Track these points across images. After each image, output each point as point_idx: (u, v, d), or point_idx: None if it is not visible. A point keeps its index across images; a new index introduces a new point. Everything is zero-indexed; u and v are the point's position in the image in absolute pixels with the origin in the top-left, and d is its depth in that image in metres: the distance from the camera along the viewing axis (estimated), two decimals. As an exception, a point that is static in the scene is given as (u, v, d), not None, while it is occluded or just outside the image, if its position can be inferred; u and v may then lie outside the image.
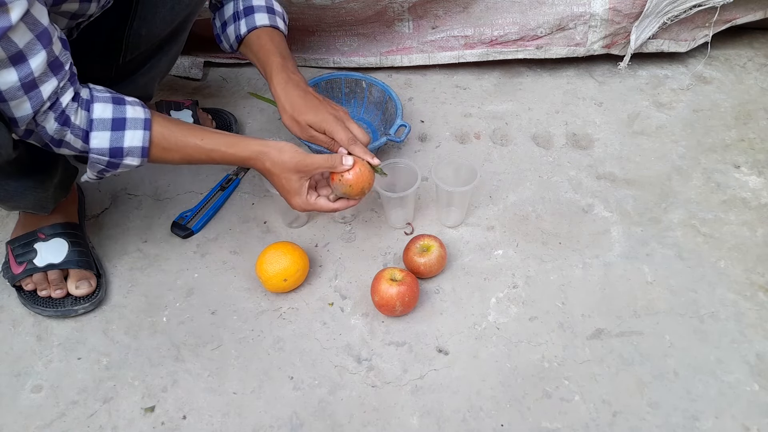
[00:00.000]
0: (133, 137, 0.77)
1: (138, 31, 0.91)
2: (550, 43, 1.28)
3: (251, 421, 0.82)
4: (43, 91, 0.68)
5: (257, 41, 0.96)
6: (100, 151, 0.76)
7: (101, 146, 0.75)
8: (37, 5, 0.64)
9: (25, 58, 0.64)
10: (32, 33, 0.64)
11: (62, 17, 0.76)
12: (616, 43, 1.27)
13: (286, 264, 0.91)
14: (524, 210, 1.07)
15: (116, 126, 0.76)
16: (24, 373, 0.87)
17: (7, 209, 1.03)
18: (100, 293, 0.94)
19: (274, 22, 0.98)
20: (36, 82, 0.67)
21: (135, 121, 0.77)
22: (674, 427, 0.81)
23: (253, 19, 0.97)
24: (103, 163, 0.77)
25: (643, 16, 1.21)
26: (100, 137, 0.75)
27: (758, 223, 1.05)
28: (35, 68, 0.65)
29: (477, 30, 1.28)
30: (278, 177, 0.84)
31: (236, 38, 0.98)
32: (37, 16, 0.64)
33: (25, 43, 0.63)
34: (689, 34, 1.30)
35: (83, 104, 0.74)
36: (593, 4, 1.22)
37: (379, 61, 1.32)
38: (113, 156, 0.77)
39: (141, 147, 0.78)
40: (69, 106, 0.72)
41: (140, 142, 0.77)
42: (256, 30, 0.97)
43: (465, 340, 0.90)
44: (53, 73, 0.68)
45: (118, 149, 0.76)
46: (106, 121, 0.75)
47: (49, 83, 0.68)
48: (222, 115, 1.22)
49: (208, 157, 0.83)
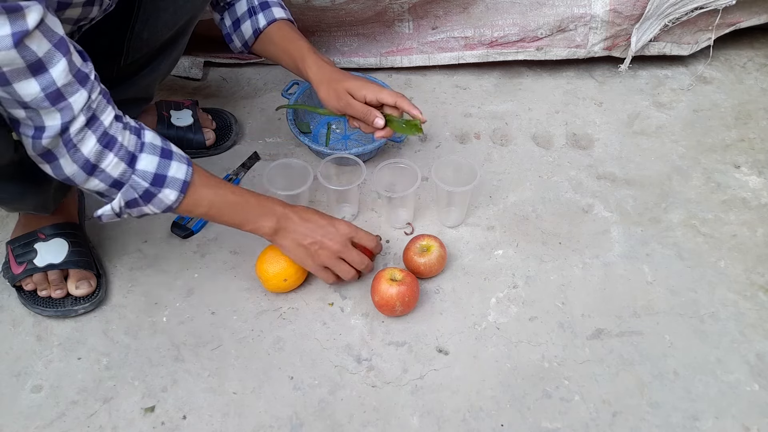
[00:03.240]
0: (178, 169, 0.77)
1: (140, 34, 0.91)
2: (551, 45, 1.28)
3: (251, 421, 0.82)
4: (74, 103, 0.66)
5: (278, 32, 0.97)
6: (143, 175, 0.74)
7: (147, 169, 0.74)
8: (50, 15, 0.63)
9: (45, 67, 0.62)
10: (50, 42, 0.62)
11: (65, 23, 0.76)
12: (617, 45, 1.27)
13: (285, 264, 0.91)
14: (524, 210, 1.07)
15: (165, 155, 0.76)
16: (24, 373, 0.87)
17: (8, 210, 1.03)
18: (100, 293, 0.94)
19: (289, 16, 1.00)
20: (62, 93, 0.65)
21: (181, 156, 0.78)
22: (674, 427, 0.81)
23: (271, 13, 0.97)
24: (140, 190, 0.75)
25: (644, 18, 1.21)
26: (148, 160, 0.74)
27: (758, 223, 1.05)
28: (57, 77, 0.63)
29: (477, 31, 1.28)
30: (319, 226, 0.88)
31: (254, 32, 0.98)
32: (51, 25, 0.62)
33: (44, 52, 0.62)
34: (692, 37, 1.30)
35: (132, 130, 0.74)
36: (594, 6, 1.22)
37: (379, 61, 1.32)
38: (154, 183, 0.75)
39: (183, 180, 0.77)
40: (113, 127, 0.71)
41: (183, 175, 0.77)
42: (276, 22, 0.97)
43: (465, 340, 0.90)
44: (80, 84, 0.66)
45: (162, 177, 0.75)
46: (156, 147, 0.75)
47: (78, 94, 0.66)
48: (222, 115, 1.22)
49: (241, 205, 0.84)
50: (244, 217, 0.84)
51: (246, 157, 1.16)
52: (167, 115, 1.15)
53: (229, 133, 1.20)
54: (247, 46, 1.01)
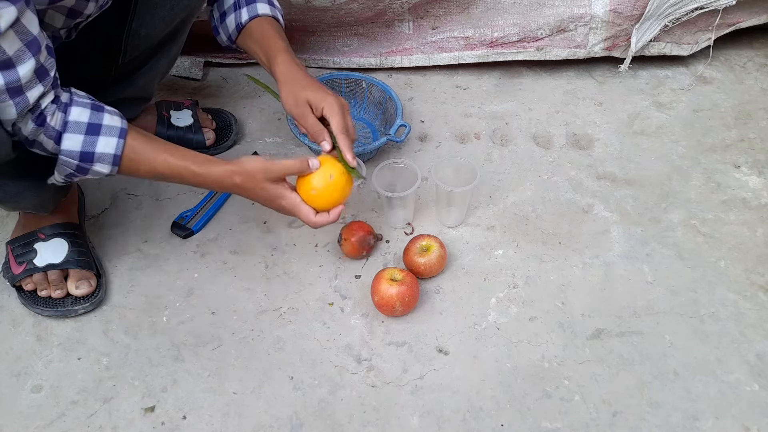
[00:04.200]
0: (107, 144, 0.76)
1: (137, 31, 0.91)
2: (551, 45, 1.28)
3: (251, 421, 0.82)
4: (29, 97, 0.68)
5: (259, 28, 0.96)
6: (69, 154, 0.75)
7: (72, 149, 0.75)
8: (28, 13, 0.64)
9: (13, 65, 0.65)
10: (21, 41, 0.64)
11: (59, 13, 0.76)
12: (617, 45, 1.27)
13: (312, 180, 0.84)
14: (524, 210, 1.07)
15: (91, 131, 0.75)
16: (24, 373, 0.87)
17: (7, 209, 1.03)
18: (100, 293, 0.94)
19: (275, 14, 0.98)
20: (22, 88, 0.67)
21: (111, 128, 0.76)
22: (674, 427, 0.81)
23: (254, 8, 0.96)
24: (71, 166, 0.76)
25: (644, 19, 1.21)
26: (72, 140, 0.74)
27: (758, 223, 1.05)
28: (23, 75, 0.66)
29: (477, 31, 1.27)
30: (252, 190, 0.83)
31: (236, 27, 0.97)
32: (27, 24, 0.64)
33: (15, 51, 0.64)
34: (692, 37, 1.30)
35: (61, 107, 0.74)
36: (594, 6, 1.22)
37: (378, 61, 1.32)
38: (83, 160, 0.76)
39: (113, 155, 0.76)
40: (48, 108, 0.72)
41: (113, 149, 0.76)
42: (258, 18, 0.96)
43: (465, 340, 0.90)
44: (39, 79, 0.69)
45: (89, 154, 0.75)
46: (81, 124, 0.75)
47: (35, 89, 0.69)
48: (222, 115, 1.22)
49: (178, 174, 0.81)
50: (185, 182, 0.83)
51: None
52: (167, 115, 1.15)
53: (229, 133, 1.20)
54: (231, 39, 1.00)
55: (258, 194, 0.83)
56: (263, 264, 1.00)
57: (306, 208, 0.84)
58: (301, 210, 0.84)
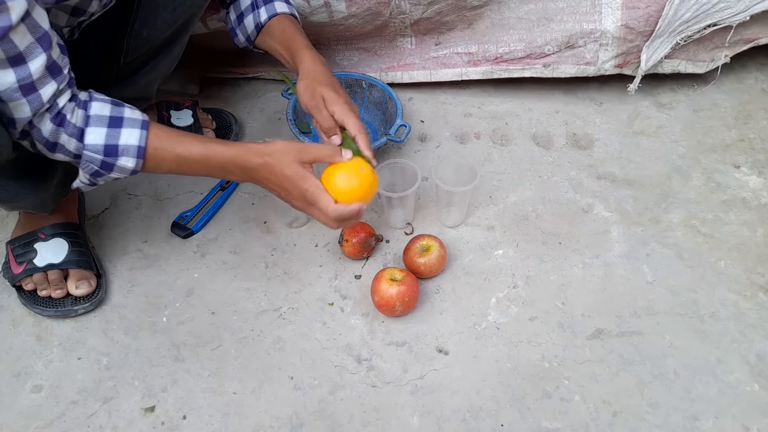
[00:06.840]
0: (130, 135, 0.75)
1: (139, 32, 0.91)
2: (559, 62, 1.22)
3: (251, 421, 0.82)
4: (43, 95, 0.68)
5: (279, 25, 0.96)
6: (94, 148, 0.73)
7: (96, 142, 0.73)
8: (38, 9, 0.64)
9: (24, 60, 0.64)
10: (32, 36, 0.64)
11: (63, 12, 0.76)
12: (629, 63, 1.20)
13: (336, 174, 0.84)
14: (524, 210, 1.07)
15: (113, 123, 0.74)
16: (24, 373, 0.87)
17: (7, 209, 1.03)
18: (100, 293, 0.94)
19: (293, 11, 0.99)
20: (35, 85, 0.66)
21: (133, 120, 0.75)
22: (674, 427, 0.81)
23: (273, 7, 0.97)
24: (96, 162, 0.75)
25: (655, 36, 1.15)
26: (95, 133, 0.73)
27: (758, 223, 1.05)
28: (34, 71, 0.65)
29: (481, 47, 1.24)
30: (279, 171, 0.80)
31: (255, 27, 0.97)
32: (37, 19, 0.64)
33: (26, 46, 0.63)
34: (707, 54, 1.24)
35: (81, 104, 0.73)
36: (604, 21, 1.16)
37: (379, 76, 1.29)
38: (108, 154, 0.74)
39: (137, 146, 0.75)
40: (66, 106, 0.71)
41: (137, 140, 0.75)
42: (277, 16, 0.97)
43: (465, 340, 0.90)
44: (52, 76, 0.68)
45: (113, 147, 0.74)
46: (103, 118, 0.74)
47: (48, 86, 0.68)
48: (222, 115, 1.22)
49: (203, 158, 0.79)
50: (210, 172, 0.82)
51: (246, 157, 1.16)
52: (167, 115, 1.15)
53: (229, 133, 1.20)
54: (250, 40, 1.00)
55: (283, 174, 0.80)
56: (263, 264, 1.00)
57: (327, 196, 0.81)
58: (322, 197, 0.81)
